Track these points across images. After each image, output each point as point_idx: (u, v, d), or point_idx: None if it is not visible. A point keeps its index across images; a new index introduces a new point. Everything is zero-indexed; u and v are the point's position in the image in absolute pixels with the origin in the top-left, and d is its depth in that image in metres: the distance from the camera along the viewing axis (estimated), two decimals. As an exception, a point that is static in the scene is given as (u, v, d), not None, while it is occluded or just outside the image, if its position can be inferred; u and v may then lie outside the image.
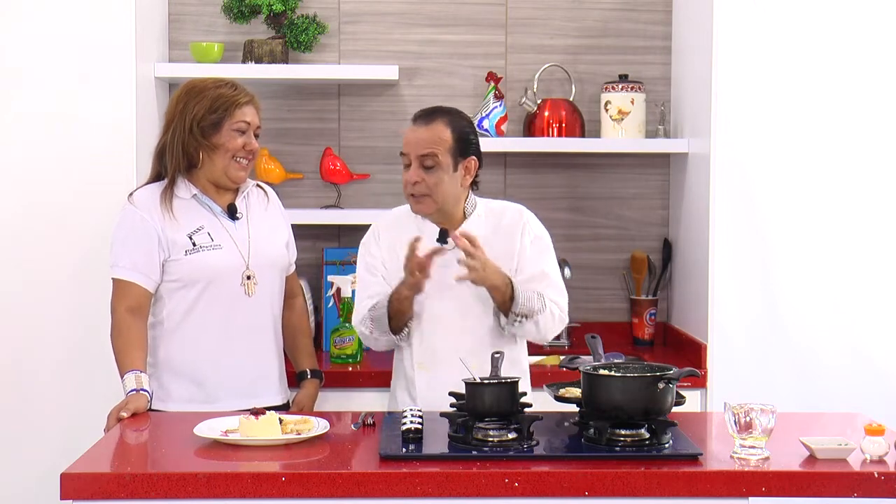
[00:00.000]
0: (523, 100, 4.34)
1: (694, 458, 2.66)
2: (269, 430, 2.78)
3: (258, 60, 4.22)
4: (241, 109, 3.29)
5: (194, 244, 3.27)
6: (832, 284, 3.90)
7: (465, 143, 3.27)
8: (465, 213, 3.31)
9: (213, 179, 3.32)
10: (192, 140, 3.27)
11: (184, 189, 3.31)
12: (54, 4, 3.82)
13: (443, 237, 3.25)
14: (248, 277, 3.31)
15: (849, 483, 2.59)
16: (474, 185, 3.34)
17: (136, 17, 3.87)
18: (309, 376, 3.51)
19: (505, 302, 3.20)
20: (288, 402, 3.45)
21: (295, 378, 3.51)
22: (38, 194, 3.83)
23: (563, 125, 4.31)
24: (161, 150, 3.33)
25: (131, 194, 3.33)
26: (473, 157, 3.29)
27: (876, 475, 2.59)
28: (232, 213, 3.35)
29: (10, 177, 3.83)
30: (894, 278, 3.92)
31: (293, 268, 3.53)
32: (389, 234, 3.35)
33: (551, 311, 3.25)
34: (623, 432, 2.75)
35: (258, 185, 3.49)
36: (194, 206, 3.31)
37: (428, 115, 3.29)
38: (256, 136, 3.35)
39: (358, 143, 4.43)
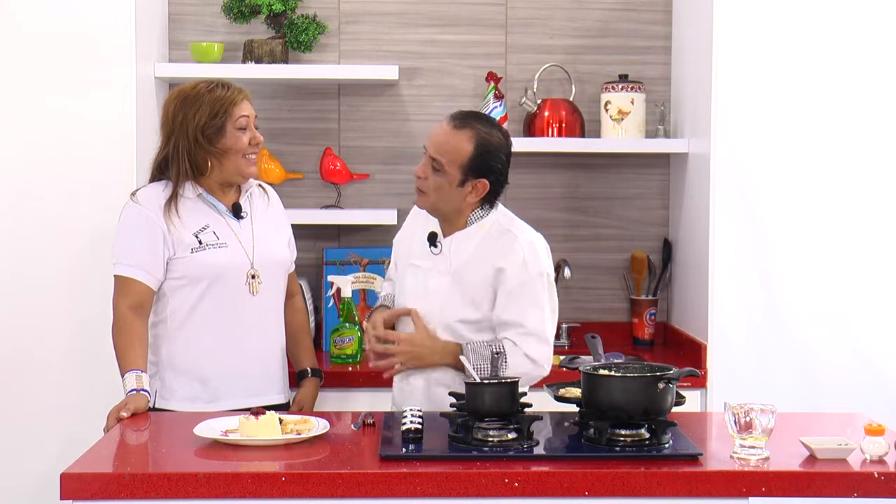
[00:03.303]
0: (523, 100, 4.33)
1: (694, 458, 2.66)
2: (269, 430, 2.78)
3: (258, 60, 4.22)
4: (238, 106, 3.28)
5: (200, 242, 3.27)
6: (832, 285, 3.90)
7: (484, 163, 3.13)
8: (467, 223, 3.20)
9: (223, 180, 3.32)
10: (199, 149, 3.25)
11: (189, 188, 3.30)
12: (54, 4, 3.82)
13: (432, 241, 3.23)
14: (253, 276, 3.31)
15: (849, 483, 2.59)
16: (488, 202, 3.20)
17: (136, 17, 3.87)
18: (309, 375, 3.52)
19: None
20: (288, 401, 3.45)
21: (295, 377, 3.51)
22: (37, 194, 3.83)
23: (563, 125, 4.31)
24: (162, 162, 3.30)
25: (134, 193, 3.32)
26: (485, 181, 3.14)
27: (876, 475, 2.59)
28: (237, 212, 3.35)
29: (9, 177, 3.83)
30: (894, 278, 3.92)
31: (293, 267, 3.53)
32: (412, 220, 3.37)
33: (514, 369, 3.05)
34: (623, 432, 2.75)
35: (259, 185, 3.49)
36: (199, 205, 3.31)
37: (462, 120, 3.15)
38: (256, 126, 3.34)
39: (358, 143, 4.43)
